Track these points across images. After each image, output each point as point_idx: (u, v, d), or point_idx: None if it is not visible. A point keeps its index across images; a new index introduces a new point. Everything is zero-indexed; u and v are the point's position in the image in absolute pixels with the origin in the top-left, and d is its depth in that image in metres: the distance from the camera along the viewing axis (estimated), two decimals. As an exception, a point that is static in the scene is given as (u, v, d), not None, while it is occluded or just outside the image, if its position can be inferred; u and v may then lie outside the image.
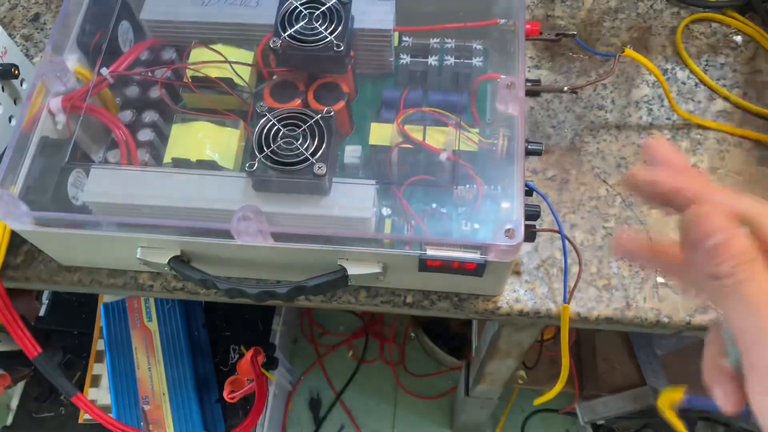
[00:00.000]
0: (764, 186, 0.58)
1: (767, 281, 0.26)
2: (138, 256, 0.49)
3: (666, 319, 0.53)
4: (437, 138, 0.51)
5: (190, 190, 0.49)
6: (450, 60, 0.55)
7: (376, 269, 0.49)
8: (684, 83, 0.64)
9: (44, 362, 0.57)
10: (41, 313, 1.05)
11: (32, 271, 0.56)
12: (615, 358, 0.95)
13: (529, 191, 0.51)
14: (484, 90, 0.55)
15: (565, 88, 0.53)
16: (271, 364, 1.03)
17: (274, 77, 0.53)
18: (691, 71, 0.64)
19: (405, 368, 1.30)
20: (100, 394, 0.95)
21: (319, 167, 0.46)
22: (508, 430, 1.24)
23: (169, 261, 0.49)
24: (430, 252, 0.46)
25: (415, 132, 0.51)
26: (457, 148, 0.50)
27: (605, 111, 0.62)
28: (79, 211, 0.49)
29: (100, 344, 0.99)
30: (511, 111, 0.50)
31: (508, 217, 0.45)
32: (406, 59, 0.55)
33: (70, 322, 1.03)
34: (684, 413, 1.01)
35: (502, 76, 0.51)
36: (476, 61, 0.55)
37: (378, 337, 1.33)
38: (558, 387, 0.63)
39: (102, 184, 0.49)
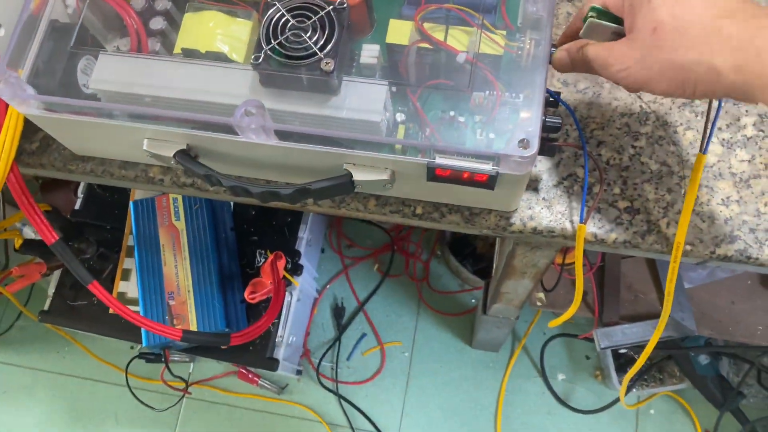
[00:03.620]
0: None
1: None
2: (144, 147, 0.49)
3: (689, 248, 0.50)
4: (459, 39, 0.48)
5: (198, 82, 0.47)
6: (483, -48, 0.50)
7: (384, 176, 0.47)
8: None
9: (61, 249, 0.58)
10: (77, 206, 1.08)
11: (47, 158, 0.56)
12: (640, 287, 0.92)
13: (553, 102, 0.48)
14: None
15: (605, -10, 0.48)
16: (296, 270, 1.05)
17: (290, -35, 0.50)
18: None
19: (429, 285, 1.30)
20: (130, 287, 0.99)
21: (327, 63, 0.43)
22: (528, 350, 1.25)
23: (175, 154, 0.48)
24: (440, 160, 0.44)
25: (436, 31, 0.48)
26: (477, 50, 0.47)
27: (651, 21, 0.57)
28: (88, 99, 0.48)
29: (130, 240, 1.02)
30: (540, 12, 0.46)
31: (525, 128, 0.43)
32: (434, -52, 0.51)
33: (104, 217, 1.05)
34: (709, 347, 1.00)
35: (534, -27, 0.46)
36: (511, -44, 0.50)
37: (404, 253, 1.33)
38: (572, 309, 0.62)
39: (109, 72, 0.48)
